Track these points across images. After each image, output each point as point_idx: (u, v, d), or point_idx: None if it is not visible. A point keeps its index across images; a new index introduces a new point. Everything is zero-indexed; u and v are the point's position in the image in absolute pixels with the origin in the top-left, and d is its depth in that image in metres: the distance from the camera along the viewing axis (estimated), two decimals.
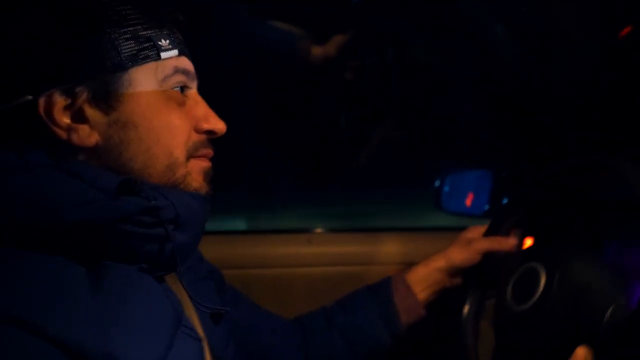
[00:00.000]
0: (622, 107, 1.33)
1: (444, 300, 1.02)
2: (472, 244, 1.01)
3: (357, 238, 1.36)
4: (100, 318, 0.56)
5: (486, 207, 1.47)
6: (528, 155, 1.53)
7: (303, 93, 1.73)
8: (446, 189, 1.56)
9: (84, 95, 0.64)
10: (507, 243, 0.99)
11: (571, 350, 0.70)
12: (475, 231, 1.04)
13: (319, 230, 1.36)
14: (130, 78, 0.65)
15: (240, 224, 1.46)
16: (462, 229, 1.40)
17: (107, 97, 0.64)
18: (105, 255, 0.61)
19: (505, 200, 1.24)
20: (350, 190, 1.74)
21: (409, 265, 1.30)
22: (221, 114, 0.73)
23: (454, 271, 1.01)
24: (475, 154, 1.78)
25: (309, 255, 1.30)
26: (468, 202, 1.51)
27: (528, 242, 1.27)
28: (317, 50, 1.65)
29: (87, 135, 0.64)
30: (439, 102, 1.79)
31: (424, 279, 1.01)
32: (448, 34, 1.67)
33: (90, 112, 0.64)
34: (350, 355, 0.99)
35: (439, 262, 1.02)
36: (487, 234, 1.02)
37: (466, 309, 0.97)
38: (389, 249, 1.32)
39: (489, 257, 0.98)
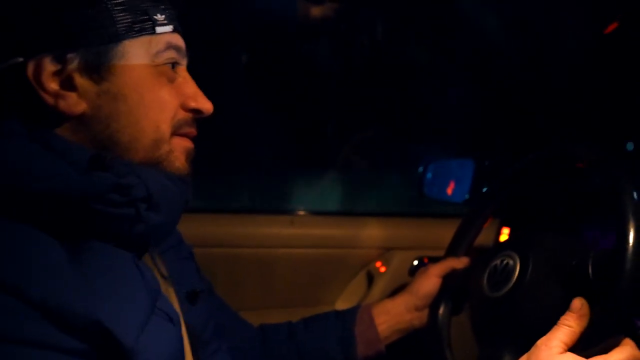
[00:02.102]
0: (606, 101, 1.35)
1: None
2: (429, 271, 1.00)
3: (339, 221, 1.38)
4: (79, 284, 0.56)
5: (467, 195, 1.49)
6: (511, 145, 1.55)
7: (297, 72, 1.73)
8: (429, 175, 1.58)
9: (75, 63, 0.62)
10: (460, 261, 0.99)
11: (557, 317, 0.72)
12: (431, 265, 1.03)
13: (301, 212, 1.37)
14: (124, 50, 0.64)
15: (225, 204, 1.47)
16: (442, 215, 1.44)
17: (99, 67, 0.63)
18: (79, 230, 0.60)
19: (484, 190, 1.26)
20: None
21: (388, 249, 1.34)
22: (211, 92, 0.72)
23: (420, 304, 0.99)
24: (459, 143, 1.80)
25: (292, 237, 1.30)
26: (449, 190, 1.53)
27: (505, 232, 1.31)
28: (316, 10, 1.67)
29: (74, 103, 0.63)
30: (426, 92, 1.81)
31: (388, 312, 0.99)
32: (436, 23, 1.68)
33: (80, 80, 0.63)
34: None
35: (404, 297, 1.00)
36: (462, 226, 1.03)
37: (441, 313, 0.97)
38: (370, 233, 1.34)
39: (452, 273, 0.99)
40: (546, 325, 0.71)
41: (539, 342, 0.69)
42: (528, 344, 0.71)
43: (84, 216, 0.59)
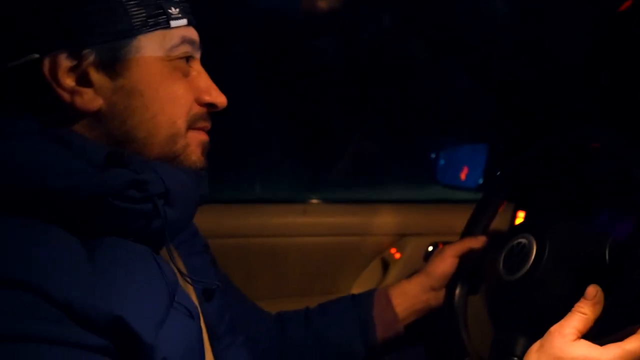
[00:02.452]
0: (617, 83, 1.33)
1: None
2: (445, 252, 1.00)
3: (351, 209, 1.37)
4: (98, 281, 0.56)
5: (480, 180, 1.48)
6: (524, 129, 1.53)
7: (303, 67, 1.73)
8: (441, 162, 1.57)
9: (91, 59, 0.62)
10: (477, 241, 0.98)
11: (573, 303, 0.71)
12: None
13: (314, 200, 1.37)
14: (139, 45, 0.63)
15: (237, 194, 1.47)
16: (455, 201, 1.44)
17: (114, 63, 0.63)
18: (97, 227, 0.60)
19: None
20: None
21: (402, 236, 1.33)
22: (222, 86, 0.71)
23: (436, 285, 0.98)
24: (472, 128, 1.78)
25: (305, 225, 1.31)
26: (463, 175, 1.53)
27: (520, 216, 1.30)
28: (322, 3, 1.66)
29: (90, 100, 0.63)
30: (437, 78, 1.79)
31: (405, 294, 0.99)
32: (442, 12, 1.67)
33: (96, 76, 0.63)
34: (321, 357, 0.97)
35: (420, 278, 0.99)
36: (477, 208, 1.03)
37: (457, 295, 0.96)
38: (383, 220, 1.33)
39: (469, 254, 0.98)
40: (561, 310, 0.70)
41: (553, 328, 0.69)
42: (543, 329, 0.71)
43: (103, 213, 0.59)
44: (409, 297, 0.99)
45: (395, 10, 1.77)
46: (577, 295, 0.71)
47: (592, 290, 0.69)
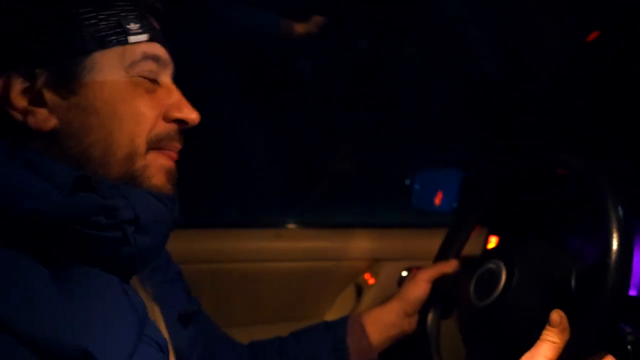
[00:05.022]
0: (590, 108, 1.36)
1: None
2: (418, 277, 1.00)
3: (325, 234, 1.36)
4: (66, 314, 0.54)
5: (454, 204, 1.50)
6: (496, 154, 1.55)
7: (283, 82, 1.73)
8: (417, 186, 1.58)
9: (43, 78, 0.61)
10: (449, 265, 0.99)
11: (542, 329, 0.71)
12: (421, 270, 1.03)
13: (288, 225, 1.36)
14: (94, 62, 0.62)
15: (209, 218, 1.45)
16: (430, 225, 1.44)
17: (68, 82, 0.61)
18: (64, 254, 0.57)
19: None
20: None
21: (376, 261, 1.33)
22: (198, 104, 0.69)
23: (410, 310, 0.98)
24: (445, 153, 1.80)
25: (278, 250, 1.29)
26: (437, 200, 1.54)
27: (493, 240, 1.30)
28: (300, 28, 1.66)
29: (44, 119, 0.61)
30: (411, 100, 1.81)
31: (379, 320, 0.99)
32: (421, 31, 1.69)
33: (49, 95, 0.61)
34: None
35: (394, 304, 0.99)
36: (450, 233, 1.03)
37: (430, 319, 0.97)
38: (357, 244, 1.33)
39: (441, 279, 0.99)
40: (531, 336, 0.70)
41: (523, 358, 0.68)
42: (513, 354, 0.71)
43: (69, 239, 0.57)
44: (382, 323, 0.99)
45: (373, 33, 1.79)
46: (547, 319, 0.70)
47: (556, 317, 0.69)
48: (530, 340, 0.70)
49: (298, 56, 1.74)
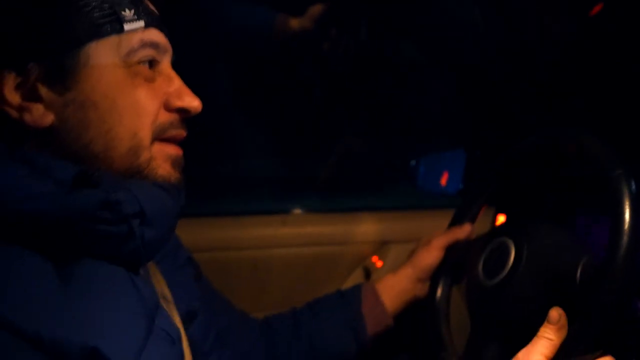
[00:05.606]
0: (592, 86, 1.35)
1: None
2: (431, 244, 1.00)
3: (331, 218, 1.36)
4: (72, 311, 0.53)
5: (460, 186, 1.49)
6: (501, 134, 1.54)
7: (280, 79, 1.72)
8: (422, 169, 1.58)
9: (36, 73, 0.58)
10: (462, 231, 0.99)
11: (544, 317, 0.71)
12: (435, 233, 1.03)
13: (293, 211, 1.36)
14: (89, 53, 0.59)
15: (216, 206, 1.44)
16: (436, 207, 1.43)
17: (62, 75, 0.59)
18: (69, 250, 0.56)
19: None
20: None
21: (383, 244, 1.32)
22: (201, 95, 0.66)
23: (422, 275, 0.99)
24: (450, 135, 1.79)
25: (285, 236, 1.29)
26: (443, 181, 1.53)
27: (500, 219, 1.30)
28: (294, 23, 1.63)
29: (40, 116, 0.59)
30: (412, 85, 1.80)
31: (392, 287, 0.99)
32: (418, 18, 1.67)
33: (44, 91, 0.59)
34: (312, 358, 0.96)
35: (406, 270, 1.00)
36: (457, 215, 1.03)
37: (439, 290, 0.97)
38: (364, 228, 1.32)
39: (454, 245, 0.99)
40: (532, 322, 0.70)
41: (520, 354, 0.68)
42: (515, 337, 0.71)
43: (74, 236, 0.56)
44: (395, 290, 0.99)
45: (373, 22, 1.77)
46: (547, 311, 0.70)
47: (555, 314, 0.68)
48: (533, 324, 0.70)
49: (298, 50, 1.71)
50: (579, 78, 1.38)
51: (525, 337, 0.69)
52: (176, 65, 0.69)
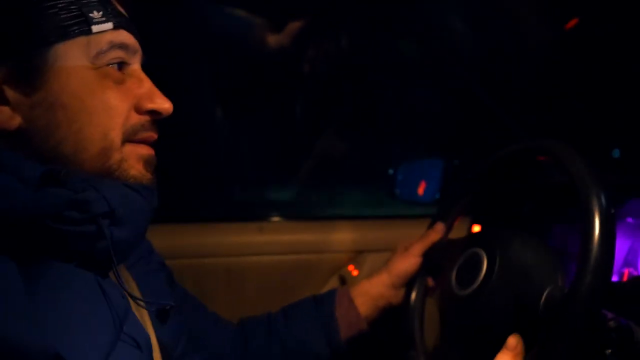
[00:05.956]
0: (569, 97, 1.37)
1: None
2: (408, 250, 1.00)
3: (307, 226, 1.36)
4: (37, 314, 0.52)
5: (437, 195, 1.50)
6: (480, 144, 1.55)
7: (258, 83, 1.71)
8: (400, 177, 1.58)
9: (3, 74, 0.58)
10: (435, 234, 1.00)
11: (512, 332, 0.71)
12: (411, 240, 1.03)
13: (270, 218, 1.35)
14: (57, 54, 0.59)
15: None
16: (412, 216, 1.44)
17: (29, 76, 0.58)
18: (37, 251, 0.56)
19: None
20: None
21: (359, 252, 1.32)
22: (171, 99, 0.66)
23: (398, 282, 0.99)
24: (429, 144, 1.80)
25: (261, 244, 1.28)
26: (420, 190, 1.54)
27: (476, 229, 1.30)
28: (272, 39, 1.63)
29: (8, 118, 0.58)
30: (392, 94, 1.80)
31: (366, 293, 0.99)
32: (400, 26, 1.68)
33: (10, 93, 0.58)
34: None
35: (382, 276, 0.99)
36: (432, 224, 1.03)
37: (414, 295, 0.98)
38: (340, 236, 1.32)
39: (430, 251, 0.99)
40: (500, 335, 0.71)
41: None
42: (482, 348, 0.71)
43: (41, 236, 0.55)
44: (370, 295, 0.99)
45: (355, 29, 1.77)
46: (513, 327, 0.72)
47: (513, 341, 0.69)
48: (500, 337, 0.71)
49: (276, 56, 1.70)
50: (558, 88, 1.40)
51: (491, 348, 0.70)
52: (152, 68, 0.68)
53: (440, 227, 1.00)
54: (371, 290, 0.99)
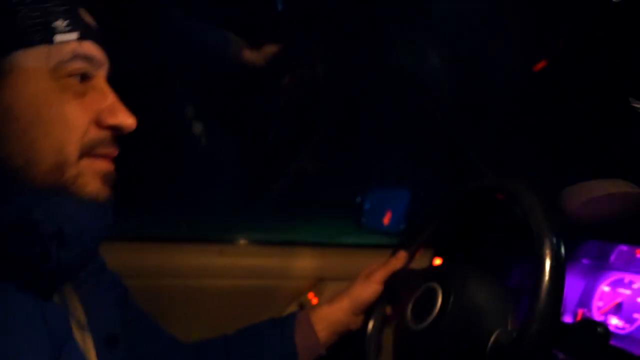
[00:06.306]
0: (538, 133, 1.39)
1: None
2: (370, 277, 1.00)
3: (270, 251, 1.34)
4: None
5: (402, 225, 1.50)
6: (447, 176, 1.56)
7: (233, 100, 1.71)
8: (367, 205, 1.58)
9: None
10: (397, 261, 1.00)
11: None
12: (372, 266, 1.03)
13: (231, 241, 1.33)
14: (14, 63, 0.56)
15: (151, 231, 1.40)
16: (375, 245, 1.43)
17: None
18: None
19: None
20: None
21: (320, 280, 1.31)
22: (145, 114, 0.65)
23: (358, 308, 0.99)
24: (397, 174, 1.81)
25: (221, 267, 1.26)
26: (386, 220, 1.54)
27: (437, 262, 1.31)
28: (249, 55, 1.63)
29: None
30: (363, 123, 1.82)
31: (327, 318, 0.98)
32: (374, 57, 1.70)
33: None
34: None
35: (343, 302, 0.99)
36: (394, 254, 1.04)
37: (371, 323, 0.98)
38: (302, 263, 1.31)
39: (391, 280, 0.99)
40: None
41: None
42: None
43: None
44: (330, 321, 0.98)
45: (332, 56, 1.79)
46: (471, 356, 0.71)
47: None
48: None
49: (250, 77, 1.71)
50: (527, 123, 1.42)
51: None
52: (117, 80, 0.66)
53: (402, 255, 1.01)
54: (331, 316, 0.98)
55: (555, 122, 1.35)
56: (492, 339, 0.74)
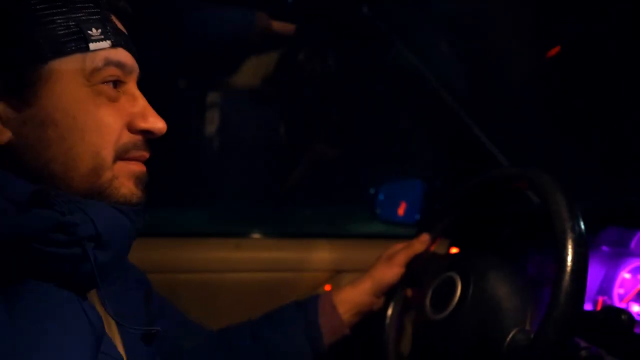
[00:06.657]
0: (551, 121, 1.38)
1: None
2: (392, 260, 1.02)
3: (286, 244, 1.35)
4: (14, 335, 0.51)
5: (417, 216, 1.50)
6: (462, 166, 1.56)
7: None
8: (381, 197, 1.58)
9: None
10: (420, 244, 1.01)
11: None
12: (396, 247, 1.05)
13: (249, 235, 1.34)
14: (51, 70, 0.58)
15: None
16: (392, 236, 1.43)
17: (22, 92, 0.58)
18: (18, 271, 0.55)
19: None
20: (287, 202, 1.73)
21: (337, 272, 1.31)
22: (166, 112, 0.66)
23: (380, 290, 1.01)
24: (411, 164, 1.81)
25: (238, 260, 1.27)
26: (400, 211, 1.54)
27: (453, 251, 1.31)
28: (276, 25, 1.62)
29: None
30: (376, 114, 1.81)
31: (350, 300, 1.00)
32: (385, 46, 1.69)
33: (1, 107, 0.58)
34: None
35: (365, 284, 1.01)
36: (417, 235, 1.04)
37: (392, 306, 0.99)
38: (319, 255, 1.31)
39: (412, 263, 1.00)
40: (469, 356, 0.71)
41: None
42: None
43: (25, 256, 0.54)
44: (353, 302, 1.00)
45: (344, 48, 1.78)
46: (478, 355, 0.73)
47: None
48: None
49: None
50: (541, 113, 1.41)
51: None
52: (145, 82, 0.68)
53: (425, 238, 1.02)
54: (354, 298, 1.01)
55: (569, 110, 1.34)
56: (509, 337, 0.74)
